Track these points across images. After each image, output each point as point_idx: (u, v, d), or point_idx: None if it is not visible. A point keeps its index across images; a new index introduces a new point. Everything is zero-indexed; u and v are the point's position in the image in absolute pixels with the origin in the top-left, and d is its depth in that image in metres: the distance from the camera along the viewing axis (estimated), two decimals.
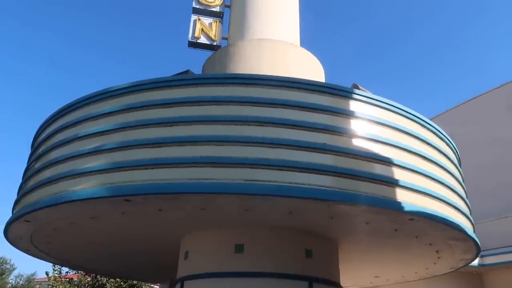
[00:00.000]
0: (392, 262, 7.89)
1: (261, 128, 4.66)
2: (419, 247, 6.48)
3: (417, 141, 5.40)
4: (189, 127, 4.70)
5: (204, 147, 4.55)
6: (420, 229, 5.46)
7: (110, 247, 7.48)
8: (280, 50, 7.78)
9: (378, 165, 4.85)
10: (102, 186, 4.63)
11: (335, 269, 6.53)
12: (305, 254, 5.88)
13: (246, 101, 4.81)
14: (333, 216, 5.16)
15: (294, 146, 4.60)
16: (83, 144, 5.03)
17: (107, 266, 9.45)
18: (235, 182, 4.35)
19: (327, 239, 6.31)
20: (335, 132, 4.82)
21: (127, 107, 5.05)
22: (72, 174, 4.91)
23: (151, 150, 4.64)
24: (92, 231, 6.34)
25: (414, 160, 5.18)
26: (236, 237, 5.79)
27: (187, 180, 4.40)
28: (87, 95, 5.52)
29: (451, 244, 6.26)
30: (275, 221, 5.50)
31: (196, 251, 6.14)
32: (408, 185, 4.91)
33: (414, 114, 5.57)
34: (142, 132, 4.78)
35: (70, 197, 4.77)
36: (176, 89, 5.06)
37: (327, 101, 5.02)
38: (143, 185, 4.45)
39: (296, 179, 4.44)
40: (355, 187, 4.59)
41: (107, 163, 4.74)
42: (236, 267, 5.63)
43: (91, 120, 5.21)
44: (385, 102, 5.35)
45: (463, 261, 7.51)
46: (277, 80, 5.04)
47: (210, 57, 8.36)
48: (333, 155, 4.69)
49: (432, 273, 8.77)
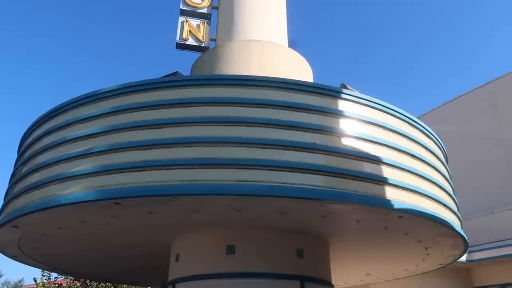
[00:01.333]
0: (382, 260, 7.97)
1: (251, 129, 4.66)
2: (408, 245, 6.55)
3: (406, 140, 5.46)
4: (179, 129, 4.68)
5: (195, 149, 4.52)
6: (410, 226, 5.53)
7: (100, 251, 7.40)
8: (269, 51, 7.80)
9: (368, 164, 4.89)
10: (91, 190, 4.58)
11: (327, 268, 6.56)
12: (297, 253, 5.90)
13: (236, 101, 4.80)
14: (325, 215, 5.19)
15: (285, 146, 4.61)
16: (72, 148, 4.97)
17: (98, 270, 9.35)
18: (227, 183, 4.34)
19: (318, 239, 6.34)
20: (325, 132, 4.85)
21: (115, 109, 5.00)
22: (60, 178, 4.85)
23: (140, 152, 4.60)
24: (82, 236, 6.27)
25: (403, 159, 5.24)
26: (228, 238, 5.78)
27: (178, 182, 4.37)
28: (74, 98, 5.46)
29: (440, 241, 6.35)
30: (267, 221, 5.51)
31: (187, 253, 6.11)
32: (397, 183, 4.96)
33: (402, 113, 5.63)
34: (131, 134, 4.73)
35: (59, 201, 4.71)
36: (164, 91, 5.02)
37: (317, 101, 5.04)
38: (133, 187, 4.41)
39: (288, 179, 4.45)
40: (346, 186, 4.62)
41: (96, 166, 4.68)
42: (228, 268, 5.62)
43: (79, 123, 5.15)
44: (374, 101, 5.40)
45: (451, 257, 7.62)
46: (267, 80, 5.05)
47: (198, 58, 8.34)
48: (324, 154, 4.72)
49: (422, 270, 8.88)
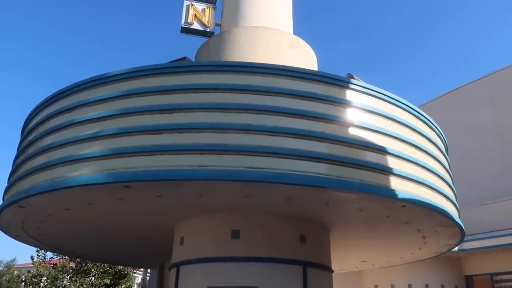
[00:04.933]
0: (380, 248, 8.14)
1: (260, 116, 4.71)
2: (407, 233, 6.70)
3: (409, 130, 5.55)
4: (189, 114, 4.71)
5: (205, 134, 4.58)
6: (411, 216, 5.66)
7: (103, 233, 7.48)
8: (275, 38, 7.79)
9: (373, 153, 4.97)
10: (101, 172, 4.62)
11: (327, 254, 6.71)
12: (300, 239, 6.03)
13: (246, 89, 4.84)
14: (329, 203, 5.29)
15: (293, 134, 4.67)
16: (80, 130, 4.99)
17: (97, 252, 9.44)
18: (236, 169, 4.41)
19: (321, 225, 6.46)
20: (332, 121, 4.91)
21: (125, 93, 5.02)
22: (69, 160, 4.88)
23: (150, 136, 4.64)
24: (86, 217, 6.33)
25: (406, 149, 5.33)
26: (233, 222, 5.88)
27: (188, 166, 4.43)
28: (82, 81, 5.46)
29: (438, 230, 6.50)
30: (272, 207, 5.61)
31: (192, 237, 6.21)
32: (401, 173, 5.06)
33: (406, 104, 5.70)
34: (142, 118, 4.76)
35: (68, 183, 4.75)
36: (175, 76, 5.04)
37: (322, 90, 5.08)
38: (144, 171, 4.47)
39: (295, 167, 4.52)
40: (350, 174, 4.71)
41: (107, 149, 4.72)
42: (232, 252, 5.73)
43: (88, 106, 5.16)
44: (379, 91, 5.46)
45: (447, 246, 7.80)
46: (276, 68, 5.08)
47: (204, 44, 8.31)
48: (330, 143, 4.79)
49: (417, 258, 9.08)
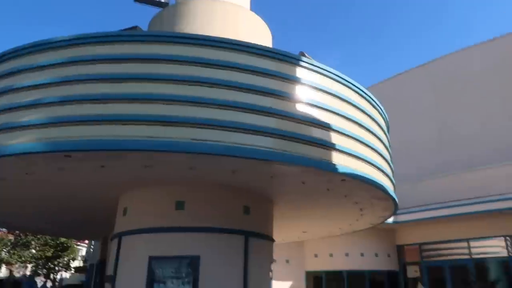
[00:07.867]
0: (320, 219, 8.56)
1: (210, 89, 4.72)
2: (346, 205, 7.10)
3: (353, 109, 5.80)
4: (138, 85, 4.62)
5: (152, 105, 4.51)
6: (350, 189, 6.00)
7: (43, 204, 7.24)
8: (232, 13, 7.70)
9: (318, 129, 5.18)
10: (40, 141, 4.45)
11: (270, 225, 6.97)
12: (243, 210, 6.21)
13: (197, 61, 4.80)
14: (273, 175, 5.47)
15: (241, 108, 4.73)
16: (20, 97, 4.76)
17: (38, 224, 9.13)
18: (182, 140, 4.41)
19: (264, 197, 6.68)
20: (280, 97, 5.03)
21: (70, 60, 4.81)
22: (6, 127, 4.66)
23: (96, 105, 4.51)
24: (24, 188, 6.09)
25: (350, 126, 5.59)
26: (177, 194, 5.92)
27: (133, 137, 4.36)
28: (24, 45, 5.16)
29: (374, 203, 6.95)
30: (218, 179, 5.70)
31: (135, 208, 6.18)
32: (343, 149, 5.32)
33: (352, 83, 5.93)
34: (87, 87, 4.60)
35: (4, 151, 4.55)
36: (126, 45, 4.90)
37: (275, 67, 5.17)
38: (88, 140, 4.35)
39: (242, 140, 4.61)
40: (295, 149, 4.88)
41: (47, 117, 4.55)
42: (175, 223, 5.80)
43: (29, 72, 4.92)
44: (328, 70, 5.62)
45: (381, 218, 8.38)
46: (230, 43, 5.06)
47: (158, 14, 8.04)
48: (277, 118, 4.91)
49: (354, 228, 9.68)
